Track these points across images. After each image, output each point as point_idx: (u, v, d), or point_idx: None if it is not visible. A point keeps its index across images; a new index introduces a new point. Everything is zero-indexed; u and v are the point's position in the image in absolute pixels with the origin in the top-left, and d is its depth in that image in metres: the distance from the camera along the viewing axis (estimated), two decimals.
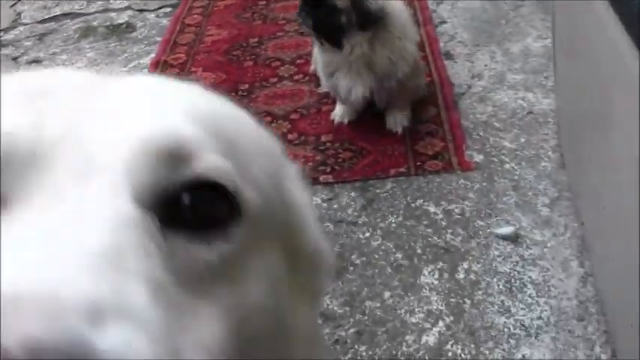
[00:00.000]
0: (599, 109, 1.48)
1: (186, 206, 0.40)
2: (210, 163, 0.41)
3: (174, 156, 0.40)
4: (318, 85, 2.51)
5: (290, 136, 2.33)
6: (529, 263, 1.75)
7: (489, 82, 2.45)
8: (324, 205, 2.04)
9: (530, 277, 1.71)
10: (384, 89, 2.23)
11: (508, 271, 1.74)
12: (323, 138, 2.31)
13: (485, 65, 2.55)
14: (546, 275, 1.70)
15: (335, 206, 2.04)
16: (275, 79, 2.66)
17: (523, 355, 1.53)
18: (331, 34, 2.13)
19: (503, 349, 1.55)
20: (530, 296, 1.66)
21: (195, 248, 0.40)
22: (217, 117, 0.47)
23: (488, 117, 2.28)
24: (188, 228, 0.40)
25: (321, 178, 2.13)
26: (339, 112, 2.35)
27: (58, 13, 3.62)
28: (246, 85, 2.64)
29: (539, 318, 1.60)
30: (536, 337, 1.56)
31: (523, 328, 1.59)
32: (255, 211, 0.43)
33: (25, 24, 3.57)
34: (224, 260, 0.41)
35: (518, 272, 1.73)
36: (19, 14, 3.70)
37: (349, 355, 1.63)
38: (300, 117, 2.43)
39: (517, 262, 1.76)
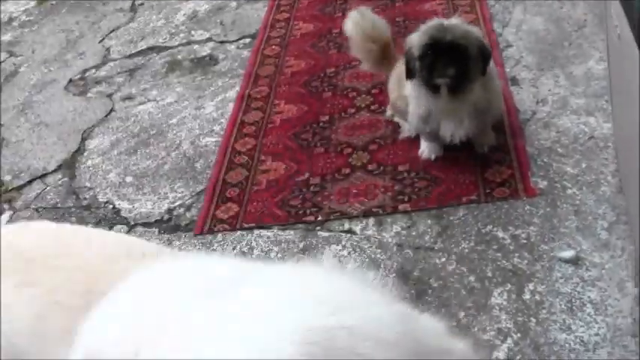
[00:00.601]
0: None
1: None
2: None
3: None
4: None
5: (370, 167, 2.68)
6: (588, 284, 2.05)
7: (553, 108, 2.74)
8: (404, 232, 2.38)
9: (589, 296, 2.01)
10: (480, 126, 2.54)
11: (569, 291, 2.04)
12: (400, 168, 2.64)
13: (549, 90, 2.84)
14: (604, 295, 2.00)
15: (413, 233, 2.37)
16: (353, 110, 3.00)
17: None
18: (458, 82, 2.39)
19: None
20: (589, 315, 1.96)
21: None
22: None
23: (552, 143, 2.58)
24: None
25: (400, 207, 2.47)
26: (426, 150, 2.63)
27: (144, 47, 4.04)
28: (327, 117, 2.99)
29: (597, 334, 1.90)
30: (594, 352, 1.86)
31: (582, 343, 1.89)
32: None
33: (115, 59, 4.00)
34: None
35: (579, 292, 2.03)
36: (107, 50, 4.14)
37: None
38: (379, 147, 2.77)
39: (577, 283, 2.06)
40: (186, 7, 4.45)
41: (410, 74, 2.47)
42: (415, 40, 2.45)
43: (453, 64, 2.37)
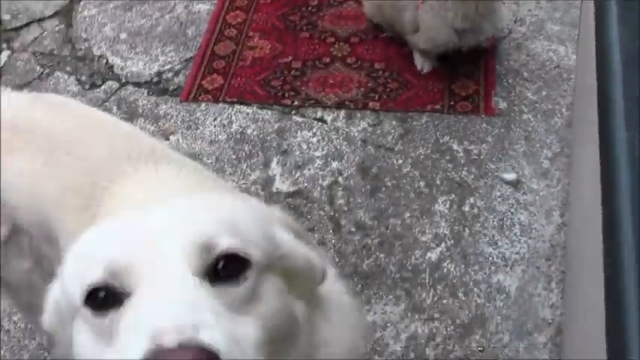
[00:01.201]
0: None
1: (221, 269, 0.89)
2: (226, 244, 0.90)
3: (207, 245, 0.89)
4: None
5: (349, 60, 2.88)
6: (521, 207, 2.33)
7: (529, 30, 2.93)
8: (370, 129, 2.63)
9: (519, 218, 2.30)
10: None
11: (504, 210, 2.33)
12: (376, 65, 2.85)
13: (529, 10, 3.01)
14: (532, 219, 2.29)
15: (378, 132, 2.62)
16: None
17: (498, 280, 2.15)
18: None
19: (484, 273, 2.17)
20: (515, 234, 2.26)
21: (232, 289, 0.89)
22: (233, 216, 0.98)
23: (520, 66, 2.79)
24: (225, 279, 0.90)
25: (370, 104, 2.71)
26: (425, 64, 2.79)
27: None
28: (316, 1, 3.15)
29: (517, 253, 2.21)
30: (510, 268, 2.17)
31: (503, 259, 2.20)
32: (258, 259, 0.92)
33: None
34: (249, 290, 0.90)
35: (511, 213, 2.32)
36: None
37: (371, 259, 2.27)
38: (360, 41, 2.96)
39: (512, 205, 2.34)
40: None
41: None
42: None
43: None
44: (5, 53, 3.16)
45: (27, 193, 1.51)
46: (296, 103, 2.74)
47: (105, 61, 3.03)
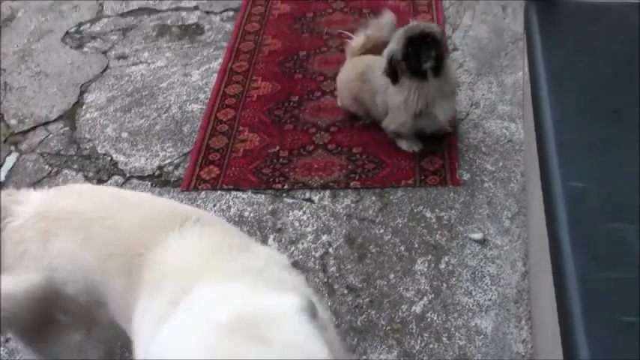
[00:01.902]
0: None
1: None
2: None
3: None
4: None
5: (330, 146, 3.32)
6: (490, 261, 2.74)
7: (483, 111, 3.41)
8: (353, 205, 3.04)
9: (488, 270, 2.71)
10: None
11: (475, 265, 2.73)
12: (354, 150, 3.29)
13: (483, 95, 3.50)
14: (500, 270, 2.70)
15: (360, 207, 3.03)
16: (319, 94, 3.62)
17: (475, 324, 2.54)
18: (438, 62, 2.96)
19: (463, 319, 2.56)
20: (486, 284, 2.66)
21: None
22: None
23: (478, 142, 3.25)
24: None
25: (352, 183, 3.12)
26: (410, 146, 3.22)
27: (135, 8, 4.57)
28: (297, 97, 3.61)
29: (490, 300, 2.60)
30: (485, 313, 2.56)
31: (478, 305, 2.59)
32: None
33: (108, 16, 4.53)
34: None
35: (481, 267, 2.72)
36: (101, 5, 4.66)
37: (364, 316, 2.65)
38: (338, 130, 3.40)
39: (482, 259, 2.75)
40: None
41: (395, 78, 3.02)
42: (394, 46, 3.01)
43: (431, 49, 2.96)
44: (14, 155, 3.53)
45: (71, 268, 1.76)
46: (286, 186, 3.15)
47: (109, 158, 3.42)
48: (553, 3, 2.41)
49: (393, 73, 3.01)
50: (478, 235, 2.82)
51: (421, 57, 2.93)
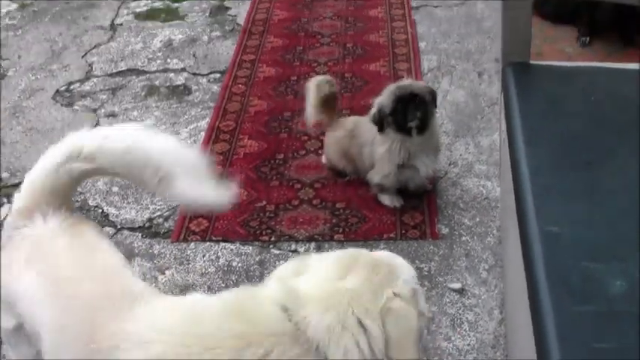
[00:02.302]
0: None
1: None
2: None
3: None
4: None
5: (314, 201, 3.48)
6: (468, 309, 2.89)
7: (461, 170, 3.60)
8: None
9: (467, 317, 2.86)
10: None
11: (454, 313, 2.88)
12: (337, 205, 3.46)
13: (460, 155, 3.70)
14: (477, 317, 2.85)
15: None
16: (303, 152, 3.80)
17: None
18: (423, 122, 3.16)
19: None
20: (465, 330, 2.81)
21: None
22: None
23: (456, 199, 3.43)
24: None
25: (335, 236, 3.28)
26: (391, 201, 3.41)
27: (124, 68, 4.77)
28: (282, 155, 3.79)
29: (468, 345, 2.75)
30: (464, 357, 2.71)
31: (457, 350, 2.73)
32: None
33: (97, 76, 4.71)
34: None
35: (460, 314, 2.87)
36: (90, 65, 4.84)
37: None
38: (322, 186, 3.58)
39: (460, 307, 2.90)
40: (162, 33, 5.20)
41: (382, 128, 3.22)
42: (384, 100, 3.21)
43: (418, 109, 3.16)
44: (7, 207, 3.64)
45: (28, 312, 1.82)
46: (272, 238, 3.30)
47: (100, 210, 3.55)
48: (528, 66, 2.63)
49: (379, 122, 3.22)
50: (457, 285, 2.98)
51: (408, 115, 3.14)
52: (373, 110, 3.26)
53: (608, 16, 4.43)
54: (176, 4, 5.66)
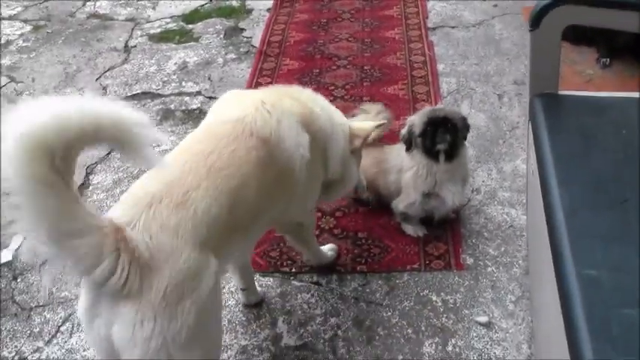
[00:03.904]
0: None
1: None
2: None
3: None
4: None
5: (335, 231, 3.44)
6: (495, 343, 2.84)
7: (484, 197, 3.56)
8: (360, 288, 3.14)
9: (495, 352, 2.81)
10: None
11: (481, 347, 2.83)
12: (359, 234, 3.42)
13: (483, 181, 3.66)
14: (505, 352, 2.80)
15: (367, 290, 3.14)
16: None
17: None
18: (452, 148, 3.15)
19: None
20: None
21: None
22: None
23: (480, 227, 3.39)
24: None
25: (358, 267, 3.24)
26: (414, 231, 3.38)
27: (139, 92, 4.74)
28: None
29: None
30: None
31: None
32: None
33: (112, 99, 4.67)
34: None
35: (487, 349, 2.82)
36: (104, 88, 4.82)
37: None
38: (343, 215, 3.54)
39: (487, 342, 2.85)
40: (176, 56, 5.17)
41: (410, 147, 3.21)
42: (416, 119, 3.20)
43: (448, 133, 3.14)
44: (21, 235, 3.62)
45: None
46: (293, 270, 3.26)
47: None
48: (556, 97, 2.59)
49: (408, 141, 3.21)
50: (483, 319, 2.93)
51: (436, 138, 3.11)
52: (404, 130, 3.24)
53: (628, 38, 4.39)
54: (190, 26, 5.65)
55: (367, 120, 3.34)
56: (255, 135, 2.33)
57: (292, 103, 2.55)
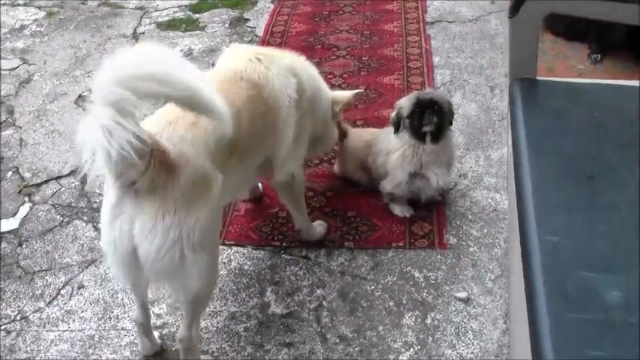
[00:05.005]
0: None
1: None
2: None
3: None
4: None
5: (326, 209, 3.53)
6: (473, 318, 2.93)
7: (471, 182, 3.65)
8: (346, 263, 3.23)
9: (471, 326, 2.89)
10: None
11: (459, 321, 2.92)
12: (349, 213, 3.51)
13: (470, 167, 3.75)
14: (482, 326, 2.89)
15: (353, 265, 3.23)
16: (317, 161, 3.85)
17: None
18: (438, 129, 3.24)
19: None
20: (469, 339, 2.84)
21: None
22: None
23: (465, 210, 3.48)
24: None
25: (346, 244, 3.33)
26: (401, 211, 3.47)
27: None
28: None
29: (472, 353, 2.78)
30: None
31: (461, 358, 2.77)
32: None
33: None
34: None
35: (465, 323, 2.91)
36: None
37: None
38: (334, 195, 3.63)
39: (465, 316, 2.94)
40: (182, 43, 5.28)
41: (398, 129, 3.32)
42: (404, 102, 3.31)
43: (435, 115, 3.24)
44: (27, 205, 3.72)
45: None
46: (284, 244, 3.35)
47: None
48: (535, 82, 2.67)
49: (397, 123, 3.32)
50: (463, 294, 3.02)
51: (424, 119, 3.20)
52: (393, 113, 3.35)
53: (620, 34, 4.46)
54: (197, 15, 5.75)
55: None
56: (244, 79, 2.75)
57: (283, 55, 3.00)
